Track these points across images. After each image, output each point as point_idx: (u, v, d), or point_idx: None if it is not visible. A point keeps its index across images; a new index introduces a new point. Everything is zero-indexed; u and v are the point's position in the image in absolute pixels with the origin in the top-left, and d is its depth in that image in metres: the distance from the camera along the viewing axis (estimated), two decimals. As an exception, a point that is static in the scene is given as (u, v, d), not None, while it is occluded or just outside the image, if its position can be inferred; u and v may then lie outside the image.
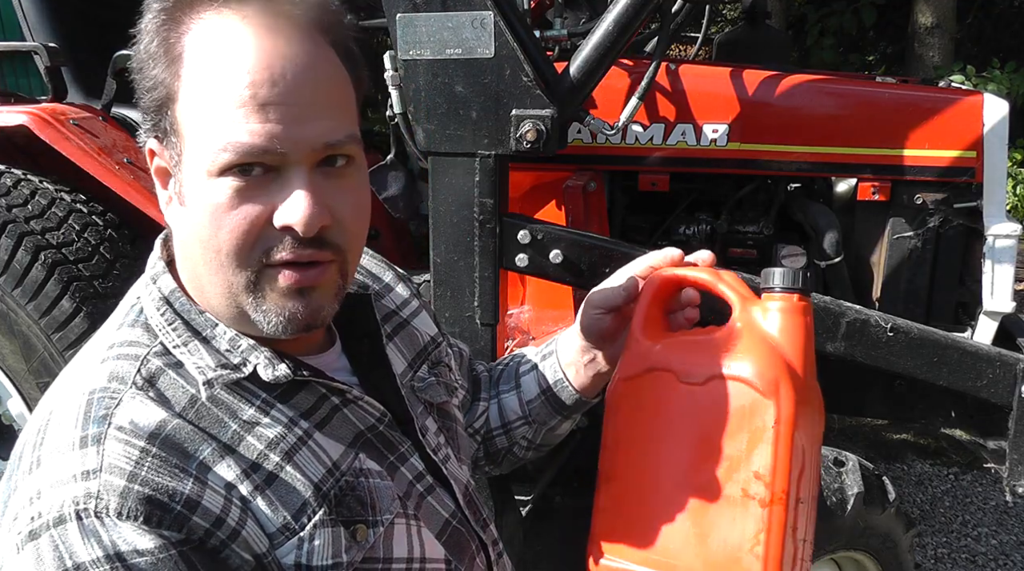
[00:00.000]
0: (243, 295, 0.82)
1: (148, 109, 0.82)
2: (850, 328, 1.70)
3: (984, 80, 7.15)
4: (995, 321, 2.11)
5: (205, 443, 0.78)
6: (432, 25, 1.66)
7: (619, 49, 1.75)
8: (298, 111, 0.78)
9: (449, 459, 1.03)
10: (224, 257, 0.80)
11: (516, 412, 1.23)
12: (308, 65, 0.79)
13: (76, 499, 0.72)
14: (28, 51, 2.48)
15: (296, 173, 0.79)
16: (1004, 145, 2.11)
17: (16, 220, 2.16)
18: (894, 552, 2.10)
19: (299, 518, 0.81)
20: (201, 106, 0.78)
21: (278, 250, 0.80)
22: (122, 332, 0.86)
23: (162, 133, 0.82)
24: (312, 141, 0.79)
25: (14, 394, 2.27)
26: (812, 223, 2.26)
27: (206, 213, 0.79)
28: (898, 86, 2.24)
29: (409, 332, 1.09)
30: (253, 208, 0.78)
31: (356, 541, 0.84)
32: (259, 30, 0.78)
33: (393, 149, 2.42)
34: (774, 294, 0.97)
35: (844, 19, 8.79)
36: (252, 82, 0.76)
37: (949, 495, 3.50)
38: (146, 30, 0.81)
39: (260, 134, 0.76)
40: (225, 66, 0.77)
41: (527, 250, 1.78)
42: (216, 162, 0.77)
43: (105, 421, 0.76)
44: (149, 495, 0.72)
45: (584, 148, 2.17)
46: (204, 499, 0.75)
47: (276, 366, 0.84)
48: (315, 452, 0.85)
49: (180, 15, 0.79)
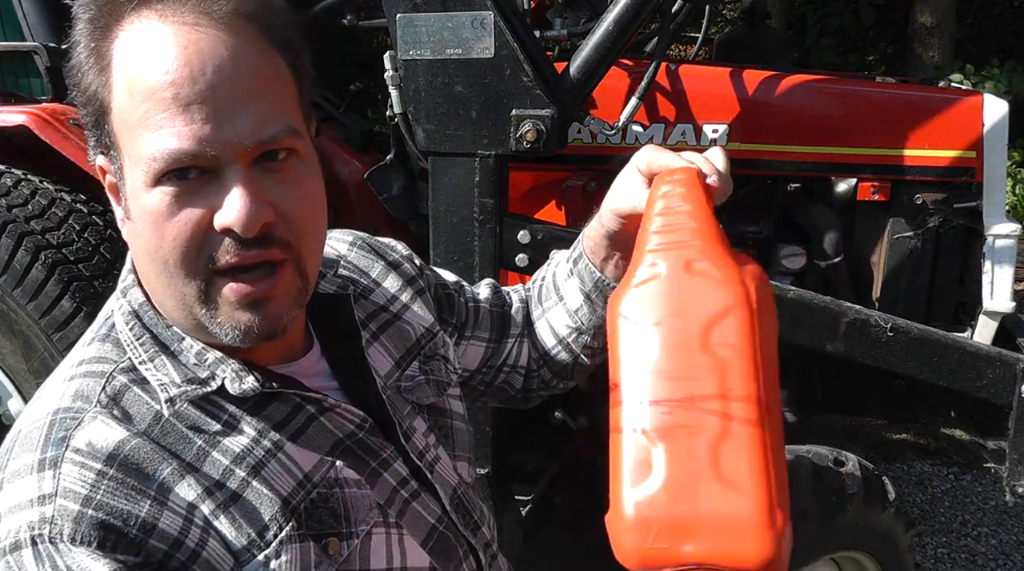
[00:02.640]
0: (196, 306, 0.79)
1: (88, 124, 0.79)
2: (850, 328, 1.70)
3: (983, 80, 7.16)
4: (995, 321, 2.11)
5: (166, 462, 0.76)
6: (432, 25, 1.67)
7: (619, 49, 1.75)
8: (224, 107, 0.74)
9: (439, 460, 1.00)
10: (172, 267, 0.77)
11: (567, 324, 1.16)
12: (231, 58, 0.74)
13: (32, 524, 0.71)
14: (28, 51, 2.48)
15: (231, 172, 0.75)
16: (1004, 145, 2.11)
17: (16, 220, 2.16)
18: (894, 552, 2.10)
19: (264, 535, 0.79)
20: (130, 114, 0.75)
21: (222, 254, 0.76)
22: (92, 347, 0.85)
23: (104, 148, 0.79)
24: (242, 139, 0.74)
25: (14, 394, 2.27)
26: (812, 223, 2.26)
27: (148, 224, 0.76)
28: (898, 86, 2.24)
29: (398, 328, 1.05)
30: (192, 213, 0.75)
31: (328, 555, 0.82)
32: (177, 27, 0.74)
33: (393, 149, 2.42)
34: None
35: (844, 19, 8.80)
36: (172, 82, 0.72)
37: (949, 495, 3.50)
38: (75, 42, 0.77)
39: (187, 137, 0.73)
40: (145, 69, 0.73)
41: (527, 250, 1.78)
42: (149, 171, 0.74)
43: (63, 444, 0.74)
44: (103, 520, 0.71)
45: (584, 148, 2.17)
46: (161, 521, 0.74)
47: (243, 380, 0.82)
48: (284, 465, 0.83)
49: (107, 23, 0.76)
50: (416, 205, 2.56)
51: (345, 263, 1.07)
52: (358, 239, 1.12)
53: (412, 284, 1.11)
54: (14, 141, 2.32)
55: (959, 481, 3.59)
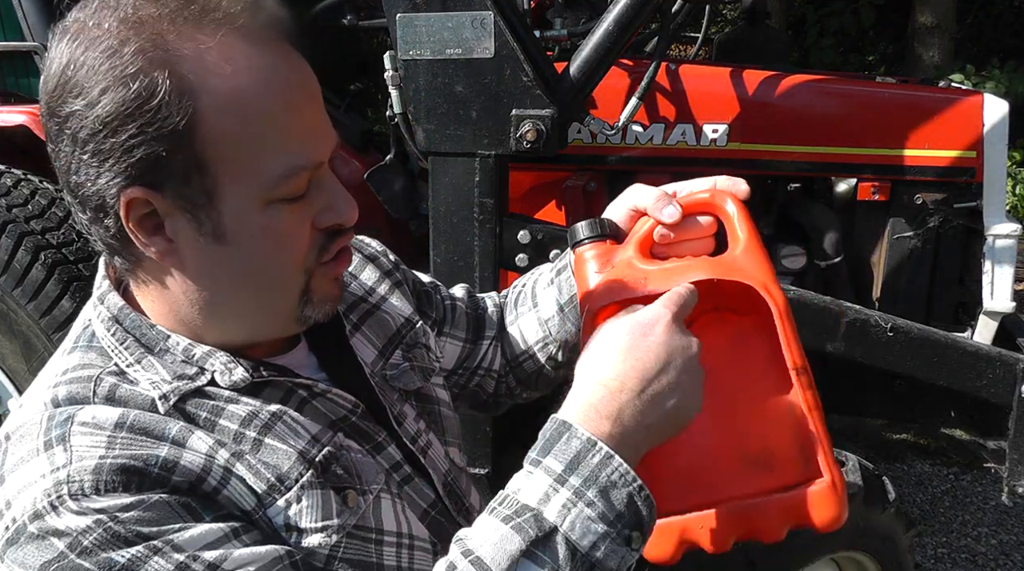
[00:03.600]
0: (295, 301, 0.84)
1: (139, 156, 0.73)
2: (850, 328, 1.70)
3: (984, 80, 7.16)
4: (995, 321, 2.11)
5: (173, 423, 0.77)
6: (432, 25, 1.67)
7: (619, 49, 1.75)
8: (323, 119, 0.81)
9: (431, 446, 1.01)
10: (285, 273, 0.82)
11: (536, 332, 1.18)
12: (308, 73, 0.81)
13: (47, 491, 0.70)
14: (28, 51, 2.48)
15: (327, 175, 0.82)
16: (1004, 145, 2.11)
17: (16, 220, 2.16)
18: (894, 552, 2.10)
19: (284, 480, 0.80)
20: (237, 134, 0.74)
21: (330, 246, 0.84)
22: (74, 356, 0.83)
23: (164, 177, 0.74)
24: (333, 143, 0.83)
25: (14, 394, 2.27)
26: (812, 223, 2.26)
27: (266, 240, 0.78)
28: (898, 86, 2.24)
29: (378, 318, 1.06)
30: (306, 219, 0.81)
31: (347, 506, 0.84)
32: (267, 48, 0.76)
33: (393, 149, 2.42)
34: (583, 245, 1.05)
35: (844, 19, 8.80)
36: (288, 102, 0.77)
37: (949, 495, 3.50)
38: (120, 75, 0.71)
39: (312, 150, 0.79)
40: (257, 92, 0.74)
41: (527, 250, 1.78)
42: (278, 189, 0.77)
43: (68, 423, 0.75)
44: (123, 464, 0.72)
45: (584, 148, 2.17)
46: (183, 459, 0.75)
47: (233, 371, 0.83)
48: (291, 427, 0.84)
49: (166, 49, 0.72)
50: (416, 205, 2.56)
51: None
52: None
53: (389, 276, 1.13)
54: (14, 141, 2.32)
55: (959, 481, 3.59)
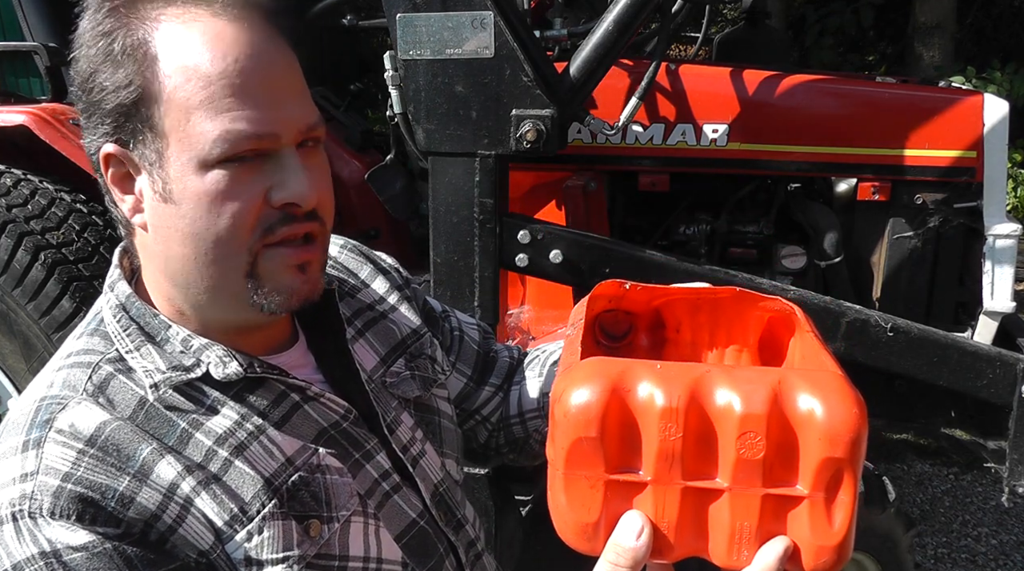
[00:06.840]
0: (242, 281, 0.83)
1: (109, 112, 0.82)
2: (850, 328, 1.70)
3: (985, 82, 7.15)
4: (995, 321, 2.11)
5: (147, 443, 0.79)
6: (432, 25, 1.67)
7: (619, 49, 1.75)
8: (280, 95, 0.82)
9: (424, 455, 1.01)
10: (224, 245, 0.81)
11: (532, 403, 1.19)
12: (279, 53, 0.83)
13: (12, 501, 0.74)
14: (28, 51, 2.48)
15: (287, 153, 0.82)
16: (1004, 145, 2.10)
17: (16, 220, 2.16)
18: (894, 552, 2.10)
19: (247, 511, 0.81)
20: (187, 100, 0.79)
21: (280, 227, 0.82)
22: (81, 341, 0.87)
23: (129, 135, 0.82)
24: (297, 122, 0.83)
25: (14, 394, 2.27)
26: (812, 223, 2.26)
27: (202, 203, 0.80)
28: (898, 86, 2.24)
29: (384, 326, 1.07)
30: (251, 190, 0.81)
31: (309, 536, 0.84)
32: (233, 23, 0.80)
33: (393, 149, 2.42)
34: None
35: (844, 19, 8.80)
36: (240, 70, 0.79)
37: (949, 495, 3.50)
38: (96, 32, 0.80)
39: (254, 120, 0.79)
40: (207, 58, 0.79)
41: (527, 250, 1.78)
42: (212, 152, 0.78)
43: (47, 425, 0.78)
44: (81, 493, 0.74)
45: (584, 148, 2.17)
46: (140, 496, 0.76)
47: (227, 365, 0.85)
48: (267, 448, 0.85)
49: (137, 15, 0.80)
50: (416, 205, 2.57)
51: (334, 263, 1.10)
52: (348, 243, 1.15)
53: (399, 290, 1.13)
54: (14, 141, 2.32)
55: (959, 481, 3.59)
